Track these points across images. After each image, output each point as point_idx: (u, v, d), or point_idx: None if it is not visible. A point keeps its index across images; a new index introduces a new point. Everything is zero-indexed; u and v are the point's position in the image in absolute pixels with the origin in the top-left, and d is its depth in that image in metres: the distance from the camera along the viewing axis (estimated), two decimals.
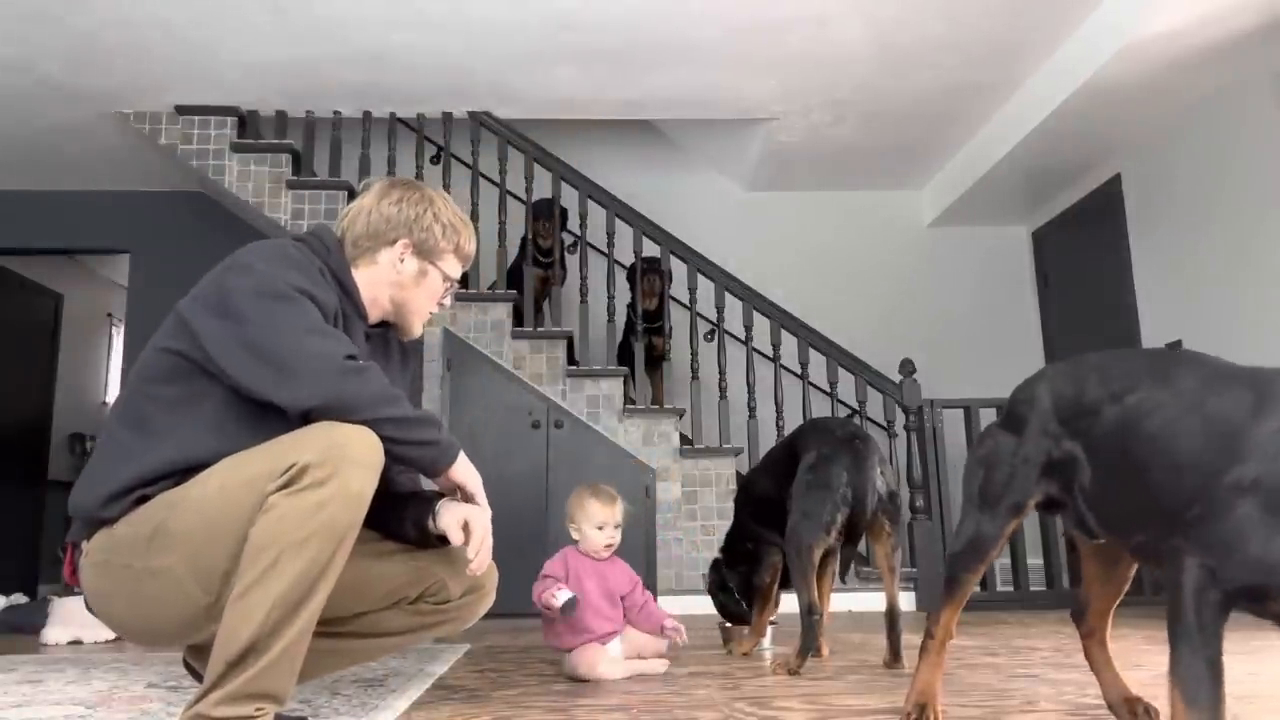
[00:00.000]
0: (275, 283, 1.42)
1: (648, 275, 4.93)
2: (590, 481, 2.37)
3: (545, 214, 4.91)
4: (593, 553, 2.25)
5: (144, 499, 1.40)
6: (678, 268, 4.83)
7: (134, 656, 2.89)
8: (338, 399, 1.37)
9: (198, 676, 1.55)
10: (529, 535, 3.86)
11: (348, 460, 1.32)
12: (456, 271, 1.72)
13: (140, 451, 1.41)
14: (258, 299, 1.40)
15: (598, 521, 2.23)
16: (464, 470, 1.53)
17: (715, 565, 2.85)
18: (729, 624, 2.81)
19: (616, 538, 2.27)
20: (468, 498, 1.55)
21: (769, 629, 2.75)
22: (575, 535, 2.27)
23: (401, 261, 1.65)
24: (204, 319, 1.42)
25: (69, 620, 3.46)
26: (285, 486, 1.30)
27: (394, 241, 1.65)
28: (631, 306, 5.10)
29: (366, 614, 1.63)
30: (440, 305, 1.73)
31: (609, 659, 2.17)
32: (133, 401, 1.46)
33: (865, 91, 4.70)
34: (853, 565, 2.50)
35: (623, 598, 2.27)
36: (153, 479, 1.40)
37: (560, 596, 2.10)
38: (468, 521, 1.50)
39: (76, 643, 3.41)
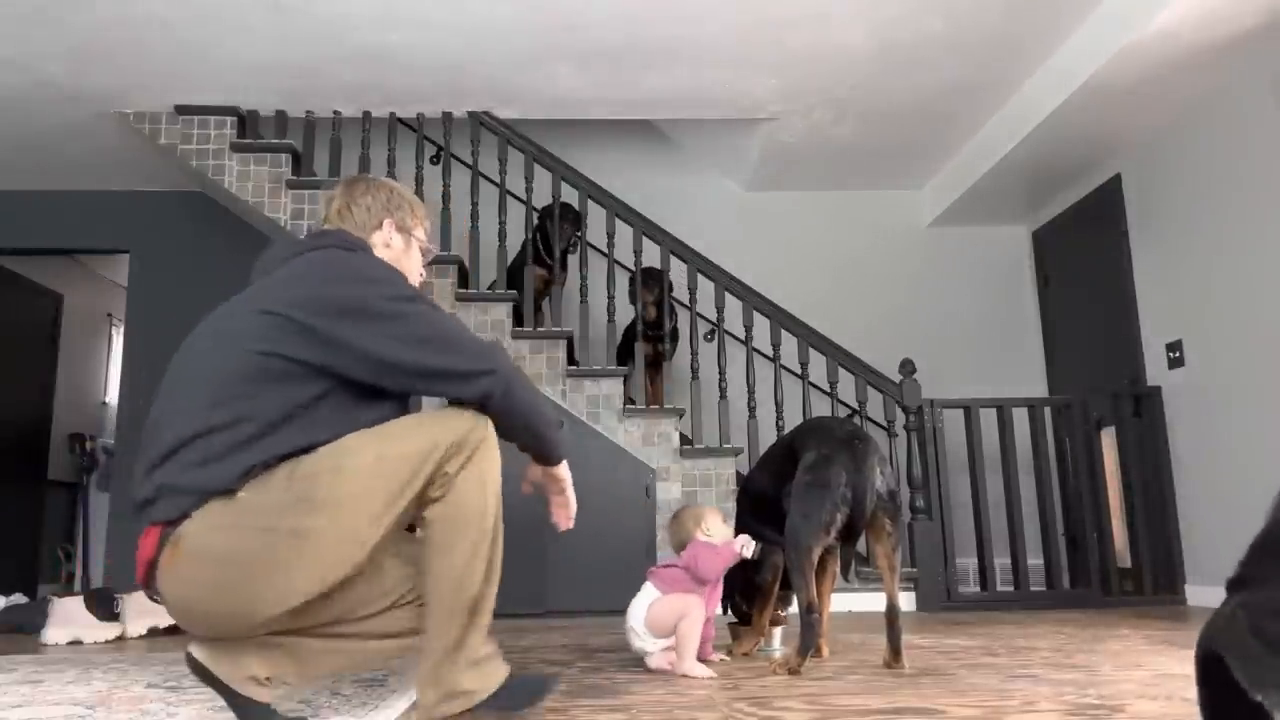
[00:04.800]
0: (402, 288, 1.61)
1: (648, 286, 4.92)
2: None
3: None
4: (723, 544, 2.47)
5: (265, 469, 1.51)
6: (678, 268, 4.83)
7: (134, 656, 2.89)
8: (517, 384, 1.60)
9: (205, 676, 1.55)
10: (530, 534, 3.86)
11: (486, 441, 1.56)
12: (424, 239, 1.95)
13: (260, 435, 1.50)
14: (404, 302, 1.58)
15: (721, 519, 2.55)
16: (566, 468, 1.83)
17: None
18: (739, 623, 2.81)
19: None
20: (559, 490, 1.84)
21: (778, 630, 2.75)
22: (704, 536, 2.49)
23: (391, 238, 1.87)
24: (353, 327, 1.54)
25: (69, 620, 3.46)
26: (448, 460, 1.51)
27: (381, 224, 1.87)
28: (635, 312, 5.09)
29: (371, 616, 1.64)
30: (422, 274, 1.95)
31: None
32: (239, 395, 1.53)
33: (865, 91, 4.70)
34: (853, 565, 2.49)
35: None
36: (284, 455, 1.51)
37: (749, 546, 2.42)
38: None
39: (76, 643, 3.41)
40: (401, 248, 1.88)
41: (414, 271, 1.91)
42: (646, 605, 2.37)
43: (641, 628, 2.36)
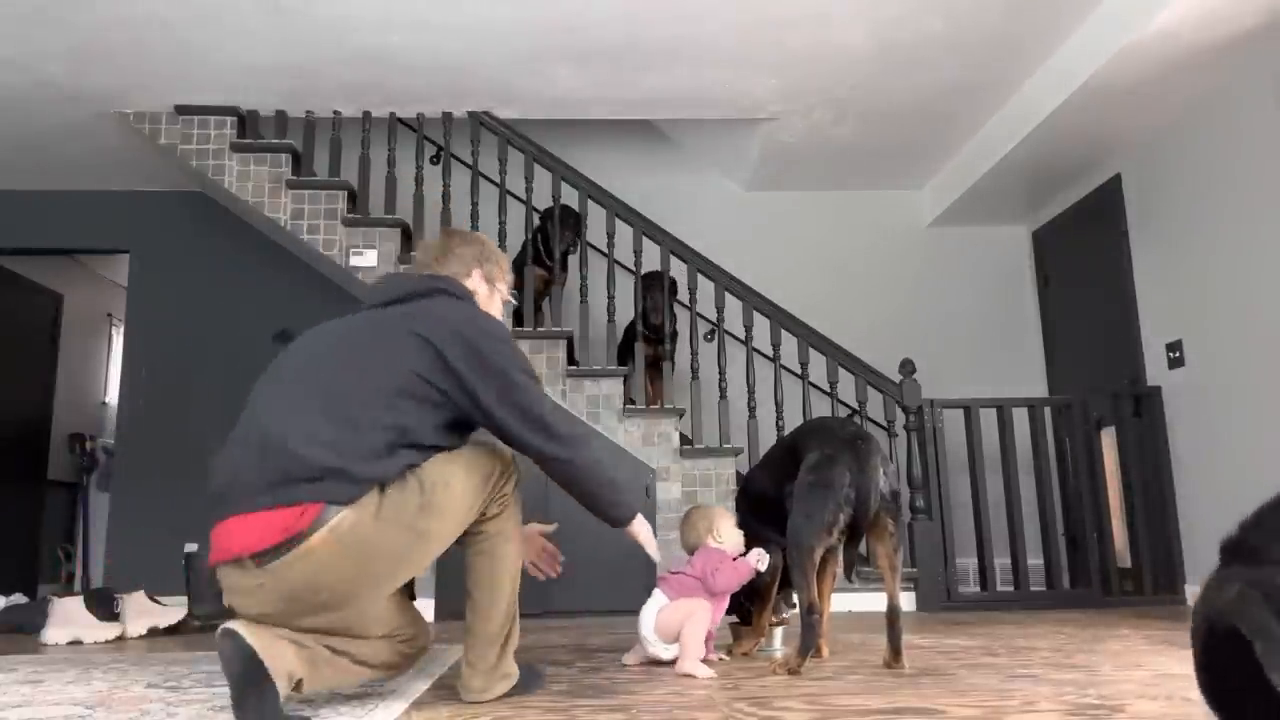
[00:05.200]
0: (526, 364, 1.90)
1: (650, 293, 4.92)
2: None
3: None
4: (734, 550, 2.53)
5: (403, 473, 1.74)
6: (678, 268, 4.83)
7: (134, 656, 2.89)
8: (595, 460, 1.95)
9: (242, 660, 1.55)
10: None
11: (513, 470, 1.92)
12: (506, 291, 2.22)
13: (410, 444, 1.74)
14: (529, 378, 1.87)
15: (733, 523, 2.59)
16: (637, 527, 2.09)
17: None
18: (741, 623, 2.81)
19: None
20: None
21: (779, 630, 2.75)
22: (715, 542, 2.53)
23: (478, 286, 2.13)
24: (489, 385, 1.80)
25: (69, 620, 3.47)
26: (493, 495, 1.84)
27: (471, 273, 2.13)
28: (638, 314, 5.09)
29: (364, 638, 1.79)
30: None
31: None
32: (394, 406, 1.74)
33: (866, 91, 4.70)
34: (854, 566, 2.50)
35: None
36: (414, 465, 1.75)
37: (765, 559, 2.47)
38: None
39: (76, 643, 3.41)
40: (486, 295, 2.14)
41: (497, 315, 2.13)
42: (655, 612, 2.38)
43: (652, 635, 2.38)
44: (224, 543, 1.66)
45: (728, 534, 2.55)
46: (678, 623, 2.34)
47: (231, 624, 1.59)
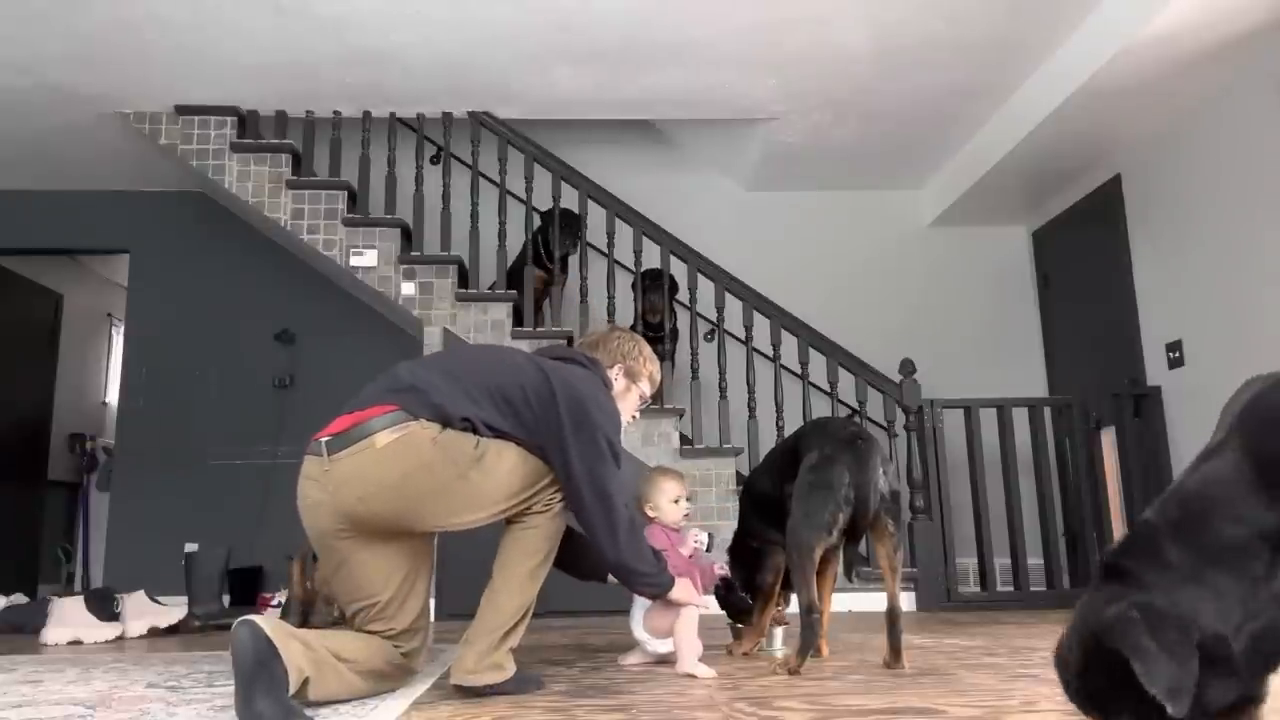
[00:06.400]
0: (617, 437, 2.08)
1: (649, 294, 4.92)
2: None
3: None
4: (671, 525, 2.48)
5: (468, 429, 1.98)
6: (678, 268, 4.83)
7: (134, 656, 2.89)
8: (633, 555, 2.10)
9: (256, 645, 1.60)
10: None
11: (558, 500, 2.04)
12: (646, 390, 2.44)
13: (487, 423, 1.99)
14: (610, 449, 2.04)
15: (673, 495, 2.49)
16: (677, 594, 2.23)
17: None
18: (739, 624, 2.81)
19: (689, 509, 2.55)
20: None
21: (780, 630, 2.75)
22: (652, 513, 2.48)
23: (618, 377, 2.37)
24: (575, 437, 1.99)
25: (69, 620, 3.47)
26: (543, 494, 2.00)
27: (614, 364, 2.37)
28: (638, 314, 5.09)
29: (378, 644, 1.95)
30: (633, 416, 2.44)
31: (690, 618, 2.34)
32: (496, 394, 2.02)
33: (865, 92, 4.70)
34: (855, 566, 2.49)
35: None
36: (478, 432, 1.99)
37: (703, 537, 2.48)
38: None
39: (76, 643, 3.41)
40: (623, 388, 2.37)
41: (629, 409, 2.38)
42: (643, 611, 2.38)
43: (644, 634, 2.38)
44: (320, 433, 1.93)
45: (665, 507, 2.48)
46: (668, 623, 2.33)
47: (251, 617, 1.65)
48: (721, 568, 2.61)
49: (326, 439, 1.90)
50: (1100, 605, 1.18)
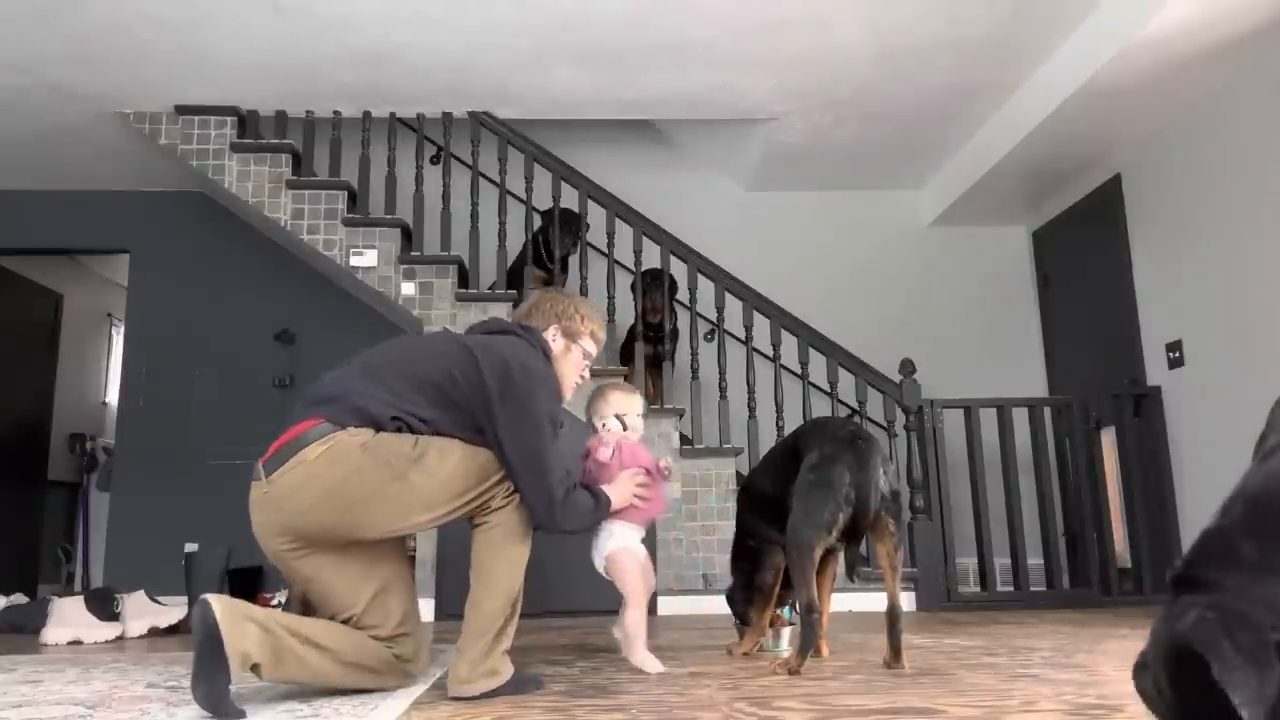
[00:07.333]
0: (554, 411, 2.06)
1: (649, 294, 4.91)
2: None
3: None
4: (617, 438, 2.45)
5: (404, 429, 1.97)
6: (678, 268, 4.82)
7: (134, 656, 2.89)
8: (573, 520, 2.11)
9: (208, 630, 1.66)
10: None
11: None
12: (593, 350, 2.40)
13: (422, 420, 1.98)
14: (547, 421, 2.01)
15: (619, 410, 2.49)
16: (617, 503, 2.30)
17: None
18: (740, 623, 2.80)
19: (640, 426, 2.52)
20: None
21: (786, 630, 2.74)
22: (600, 426, 2.50)
23: (555, 339, 2.31)
24: (509, 405, 1.98)
25: (69, 620, 3.47)
26: (498, 488, 1.98)
27: (548, 327, 2.31)
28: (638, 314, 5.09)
29: (355, 620, 1.97)
30: (581, 377, 2.40)
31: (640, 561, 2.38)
32: (422, 383, 2.02)
33: (865, 92, 4.70)
34: (855, 565, 2.49)
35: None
36: (417, 431, 1.98)
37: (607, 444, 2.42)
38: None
39: (76, 643, 3.41)
40: (563, 348, 2.33)
41: (573, 370, 2.35)
42: (598, 540, 2.42)
43: (601, 567, 2.45)
44: (262, 458, 1.93)
45: (613, 424, 2.48)
46: (618, 572, 2.37)
47: (209, 596, 1.70)
48: (668, 463, 2.52)
49: (264, 462, 1.92)
50: (1177, 616, 1.13)
